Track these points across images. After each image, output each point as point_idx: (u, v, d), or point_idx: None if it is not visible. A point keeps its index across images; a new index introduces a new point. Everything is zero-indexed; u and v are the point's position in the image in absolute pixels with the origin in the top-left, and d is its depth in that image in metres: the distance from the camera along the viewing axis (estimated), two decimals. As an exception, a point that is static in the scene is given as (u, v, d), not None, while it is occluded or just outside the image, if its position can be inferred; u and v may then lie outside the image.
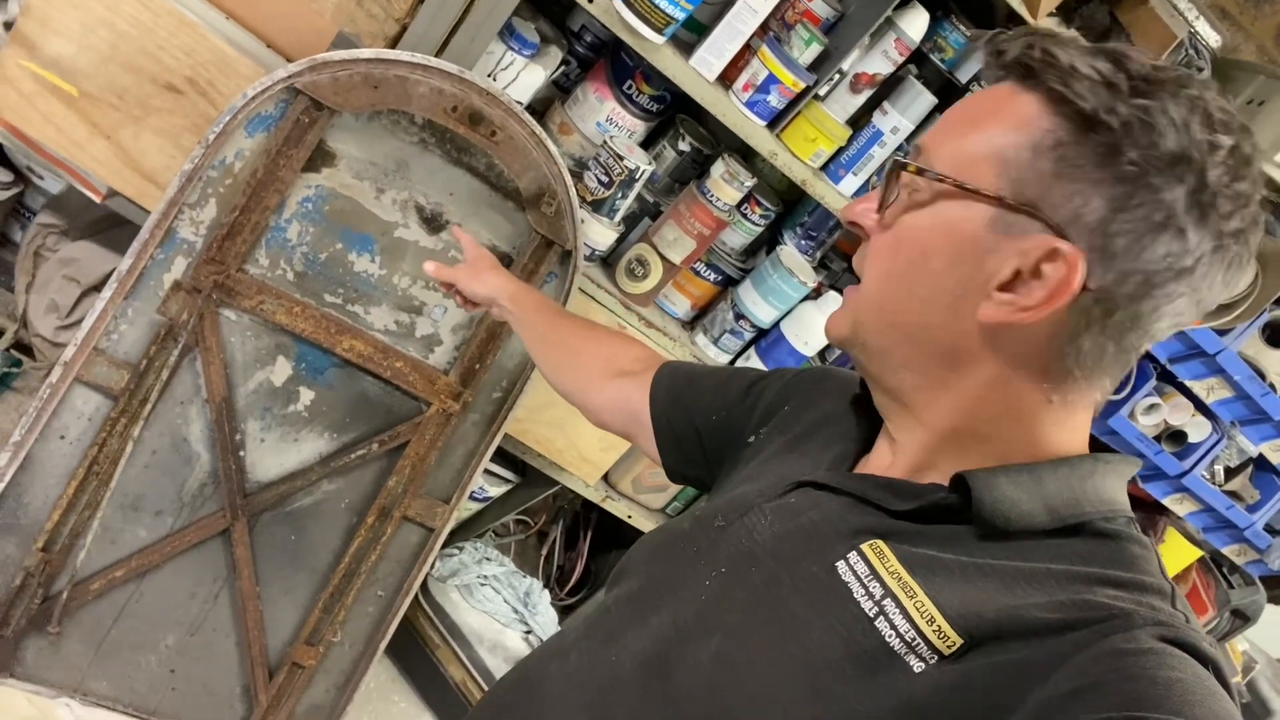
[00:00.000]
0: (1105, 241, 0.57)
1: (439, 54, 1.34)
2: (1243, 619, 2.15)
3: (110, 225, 1.70)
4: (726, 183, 1.54)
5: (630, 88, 1.55)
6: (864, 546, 0.62)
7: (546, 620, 1.97)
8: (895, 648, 0.56)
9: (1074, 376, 0.61)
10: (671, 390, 0.95)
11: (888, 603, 0.58)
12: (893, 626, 0.57)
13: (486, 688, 1.83)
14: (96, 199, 1.48)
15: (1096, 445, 0.91)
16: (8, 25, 1.36)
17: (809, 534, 0.65)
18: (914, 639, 0.56)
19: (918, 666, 0.55)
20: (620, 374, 1.00)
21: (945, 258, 0.62)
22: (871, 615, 0.58)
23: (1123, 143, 0.57)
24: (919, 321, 0.64)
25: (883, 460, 0.70)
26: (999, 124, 0.61)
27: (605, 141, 1.51)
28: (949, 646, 0.55)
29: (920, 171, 0.63)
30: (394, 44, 1.37)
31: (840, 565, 0.62)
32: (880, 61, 1.43)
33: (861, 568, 0.61)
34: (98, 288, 1.61)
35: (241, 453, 1.43)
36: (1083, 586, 0.56)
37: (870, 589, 0.59)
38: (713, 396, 0.92)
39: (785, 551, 0.65)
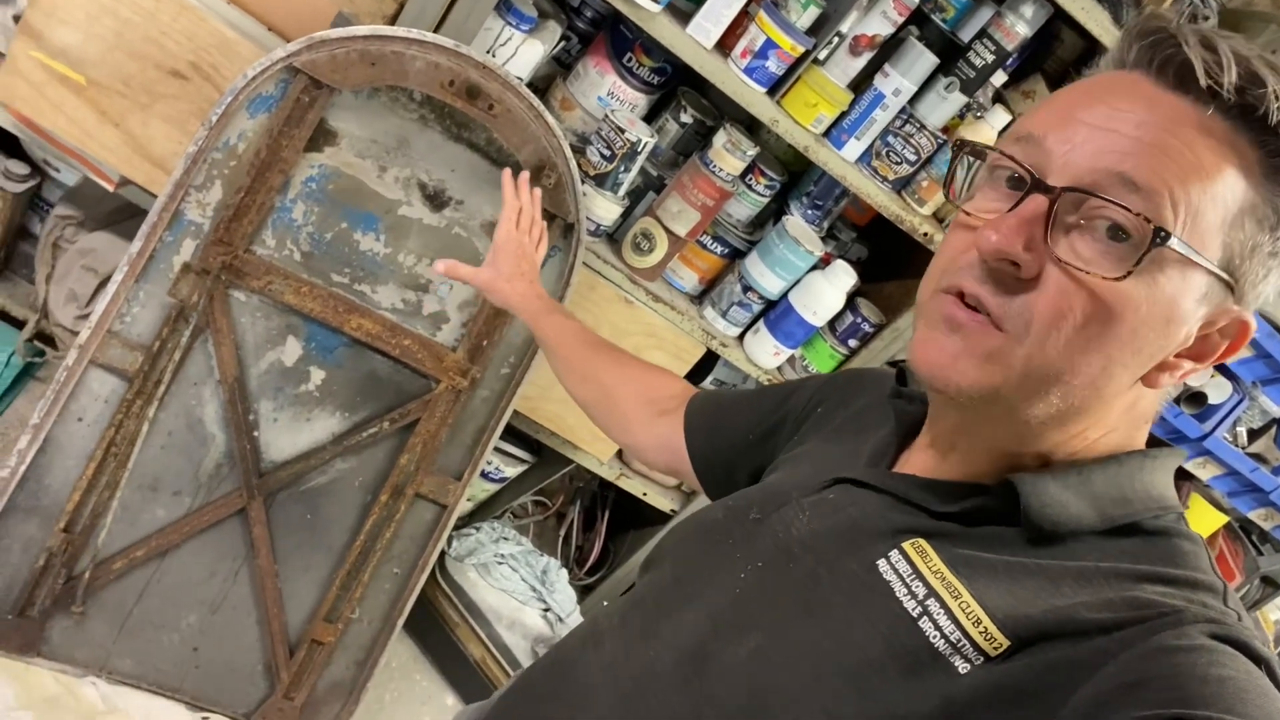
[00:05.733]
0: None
1: (436, 30, 1.35)
2: (1273, 586, 2.11)
3: (126, 215, 1.73)
4: (729, 152, 1.54)
5: (630, 60, 1.55)
6: (906, 545, 0.60)
7: (564, 598, 1.98)
8: (940, 648, 0.55)
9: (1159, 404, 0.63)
10: (704, 421, 0.96)
11: (931, 603, 0.57)
12: (937, 627, 0.56)
13: (506, 665, 1.84)
14: (109, 187, 1.51)
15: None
16: (16, 19, 1.39)
17: (848, 531, 0.64)
18: (959, 640, 0.55)
19: (963, 668, 0.54)
20: (661, 413, 1.00)
21: (1157, 331, 0.56)
22: (915, 615, 0.57)
23: None
24: (1092, 387, 0.58)
25: (925, 460, 0.68)
26: (1224, 180, 0.54)
27: (607, 115, 1.52)
28: (995, 648, 0.54)
29: (1181, 249, 0.54)
30: (392, 22, 1.38)
31: (881, 564, 0.60)
32: (879, 22, 1.42)
33: (904, 566, 0.60)
34: (114, 277, 1.64)
35: (255, 433, 1.45)
36: (1131, 584, 0.55)
37: (913, 588, 0.58)
38: (746, 417, 0.92)
39: (824, 548, 0.64)
